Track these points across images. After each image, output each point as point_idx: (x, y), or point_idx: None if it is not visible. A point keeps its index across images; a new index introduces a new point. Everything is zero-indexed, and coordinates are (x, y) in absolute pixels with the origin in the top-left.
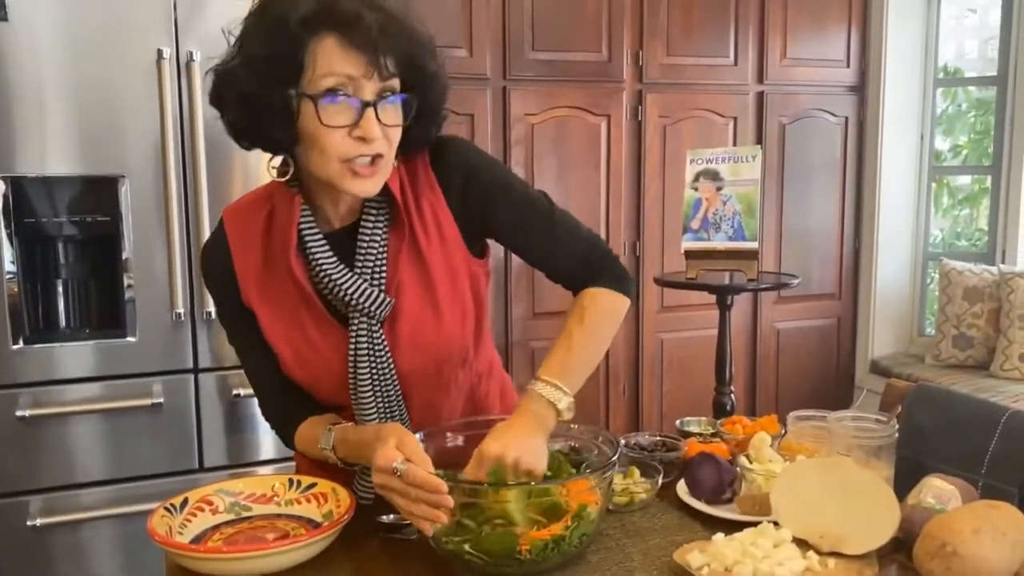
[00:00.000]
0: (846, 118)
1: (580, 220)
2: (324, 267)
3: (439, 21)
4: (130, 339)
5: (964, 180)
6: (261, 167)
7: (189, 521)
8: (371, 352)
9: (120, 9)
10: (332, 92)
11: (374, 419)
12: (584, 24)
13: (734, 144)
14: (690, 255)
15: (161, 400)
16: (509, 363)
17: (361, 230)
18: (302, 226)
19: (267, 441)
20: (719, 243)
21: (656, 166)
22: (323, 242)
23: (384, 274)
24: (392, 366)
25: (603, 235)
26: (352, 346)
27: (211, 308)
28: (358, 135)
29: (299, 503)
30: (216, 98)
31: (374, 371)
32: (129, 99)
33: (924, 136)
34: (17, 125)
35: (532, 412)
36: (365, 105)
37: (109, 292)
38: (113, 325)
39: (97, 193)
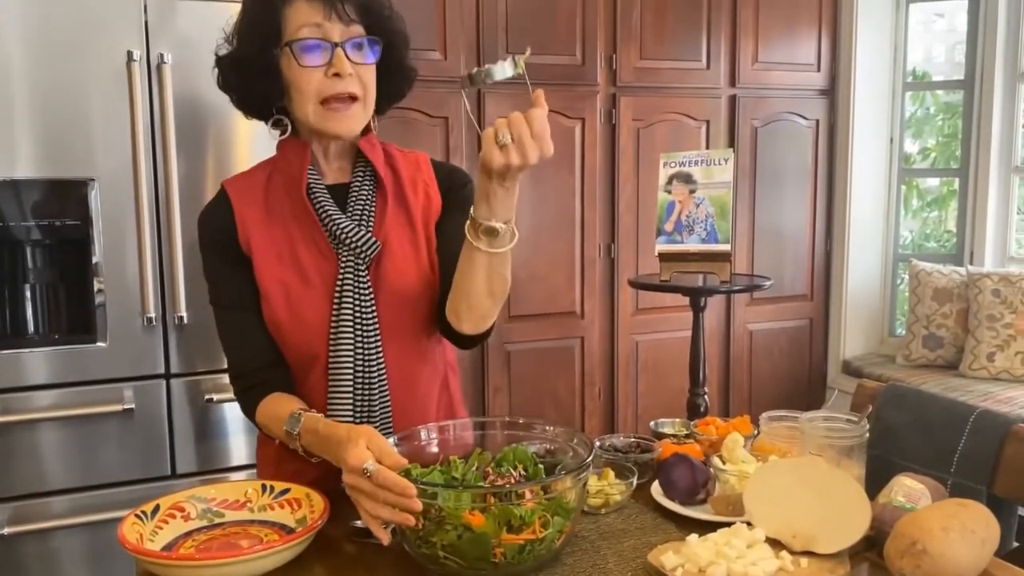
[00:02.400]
0: (817, 121)
1: (555, 222)
2: (324, 205)
3: (412, 23)
4: (100, 344)
5: (933, 182)
6: (235, 170)
7: (160, 528)
8: (355, 289)
9: (89, 10)
10: (305, 39)
11: (349, 373)
12: (558, 28)
13: (707, 147)
14: (664, 257)
15: (132, 406)
16: (485, 365)
17: (352, 183)
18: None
19: (240, 447)
20: (692, 245)
21: (630, 169)
22: (323, 186)
23: (372, 223)
24: (374, 309)
25: (578, 237)
26: (339, 281)
27: (183, 312)
28: (332, 72)
29: (272, 509)
30: (223, 82)
31: (356, 310)
32: (99, 101)
33: (893, 139)
34: None
35: None
36: (335, 46)
37: (79, 297)
38: (83, 330)
39: (66, 197)
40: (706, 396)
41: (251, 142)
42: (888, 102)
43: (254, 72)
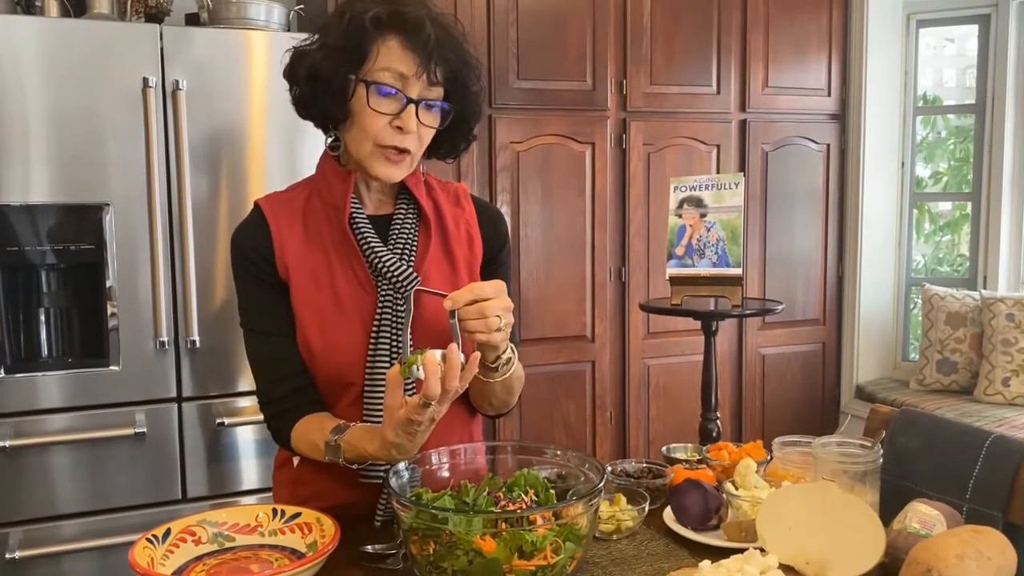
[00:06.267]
0: (828, 145)
1: (566, 246)
2: (366, 236)
3: None
4: (113, 368)
5: (945, 206)
6: (249, 195)
7: (171, 552)
8: (393, 323)
9: (105, 37)
10: (385, 84)
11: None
12: (568, 53)
13: (717, 171)
14: (675, 281)
15: (144, 430)
16: None
17: (395, 217)
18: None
19: (251, 471)
20: (703, 269)
21: (640, 193)
22: (365, 217)
23: (413, 257)
24: (411, 343)
25: (588, 261)
26: (377, 314)
27: (196, 336)
28: (397, 124)
29: (283, 533)
30: (289, 73)
31: (393, 344)
32: (114, 127)
33: (905, 163)
34: (1, 153)
35: None
36: (409, 101)
37: (92, 321)
38: (96, 354)
39: (81, 221)
40: (718, 421)
41: (265, 168)
42: (899, 126)
43: (325, 89)
